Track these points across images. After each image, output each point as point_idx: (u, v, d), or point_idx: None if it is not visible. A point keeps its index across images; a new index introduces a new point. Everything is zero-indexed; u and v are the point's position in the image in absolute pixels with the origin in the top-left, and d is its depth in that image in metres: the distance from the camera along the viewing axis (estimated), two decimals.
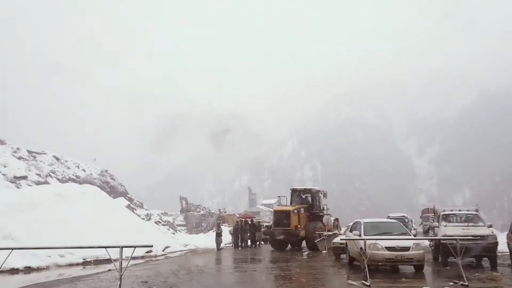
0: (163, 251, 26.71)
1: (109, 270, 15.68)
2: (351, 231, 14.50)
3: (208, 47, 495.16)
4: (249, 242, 28.84)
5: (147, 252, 24.31)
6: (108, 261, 20.57)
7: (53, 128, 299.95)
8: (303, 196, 26.29)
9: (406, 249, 11.81)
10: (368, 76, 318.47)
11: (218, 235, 27.26)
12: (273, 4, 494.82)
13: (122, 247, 8.08)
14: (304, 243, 25.09)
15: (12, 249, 8.60)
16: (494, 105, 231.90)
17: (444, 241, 13.09)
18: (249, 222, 29.83)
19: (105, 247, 8.29)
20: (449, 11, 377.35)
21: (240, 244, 28.22)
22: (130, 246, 8.30)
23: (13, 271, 16.01)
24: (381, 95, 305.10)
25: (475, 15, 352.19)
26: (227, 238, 36.04)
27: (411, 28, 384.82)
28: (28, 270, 16.93)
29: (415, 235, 21.95)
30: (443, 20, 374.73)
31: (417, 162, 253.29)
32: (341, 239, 12.38)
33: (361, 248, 12.34)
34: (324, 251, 21.14)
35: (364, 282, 10.33)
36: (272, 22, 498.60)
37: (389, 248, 11.75)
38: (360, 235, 12.86)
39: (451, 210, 15.91)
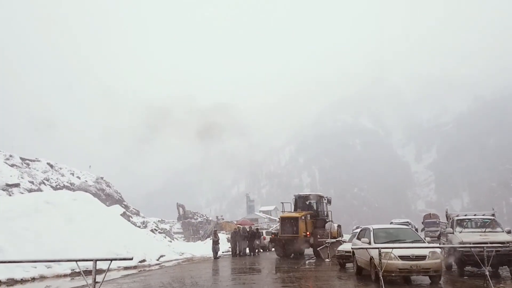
0: (157, 260, 25.61)
1: (96, 282, 14.50)
2: (358, 238, 13.37)
3: (202, 51, 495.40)
4: (247, 250, 27.72)
5: (140, 261, 23.21)
6: (98, 271, 19.53)
7: (48, 135, 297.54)
8: (307, 203, 25.54)
9: (422, 258, 10.67)
10: (364, 81, 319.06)
11: (215, 243, 26.12)
12: (267, 10, 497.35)
13: (96, 260, 6.95)
14: (306, 251, 24.29)
15: None
16: (490, 110, 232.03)
17: (461, 249, 12.07)
18: (248, 229, 28.67)
19: (76, 261, 7.15)
20: (445, 16, 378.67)
21: (238, 252, 27.09)
22: (105, 260, 7.17)
23: None
24: (378, 100, 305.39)
25: (470, 21, 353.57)
26: (225, 246, 34.89)
27: (407, 34, 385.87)
28: (11, 282, 16.00)
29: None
30: (439, 26, 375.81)
31: (414, 167, 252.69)
32: (352, 247, 11.16)
33: (371, 257, 11.27)
34: (327, 259, 20.07)
35: None
36: (268, 27, 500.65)
37: (403, 257, 10.60)
38: (369, 243, 11.77)
39: (466, 215, 14.80)
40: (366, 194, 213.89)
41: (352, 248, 11.07)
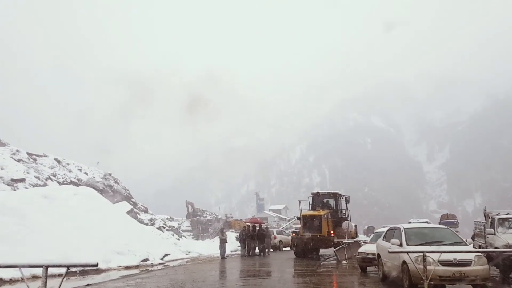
0: (161, 259, 24.19)
1: (88, 284, 13.01)
2: (385, 239, 11.64)
3: (212, 49, 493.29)
4: (257, 250, 26.10)
5: (142, 260, 21.77)
6: (97, 271, 18.14)
7: (56, 130, 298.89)
8: (325, 201, 24.34)
9: (467, 263, 8.91)
10: (376, 80, 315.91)
11: (223, 241, 24.53)
12: (278, 6, 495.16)
13: (47, 266, 5.27)
14: (321, 251, 22.91)
15: None
16: (503, 109, 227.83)
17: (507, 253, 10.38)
18: (257, 228, 26.99)
19: (19, 267, 5.47)
20: (456, 13, 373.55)
21: (247, 252, 25.46)
22: (59, 266, 5.50)
23: None
24: (389, 99, 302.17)
25: (483, 18, 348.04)
26: (233, 244, 33.36)
27: (419, 32, 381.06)
28: None
29: None
30: (451, 23, 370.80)
31: (426, 167, 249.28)
32: (389, 251, 9.32)
33: (403, 261, 9.58)
34: (344, 261, 18.37)
35: None
36: (278, 24, 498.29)
37: (443, 263, 8.80)
38: (401, 244, 10.07)
39: (508, 214, 13.00)
40: (376, 194, 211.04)
41: (389, 251, 9.07)
